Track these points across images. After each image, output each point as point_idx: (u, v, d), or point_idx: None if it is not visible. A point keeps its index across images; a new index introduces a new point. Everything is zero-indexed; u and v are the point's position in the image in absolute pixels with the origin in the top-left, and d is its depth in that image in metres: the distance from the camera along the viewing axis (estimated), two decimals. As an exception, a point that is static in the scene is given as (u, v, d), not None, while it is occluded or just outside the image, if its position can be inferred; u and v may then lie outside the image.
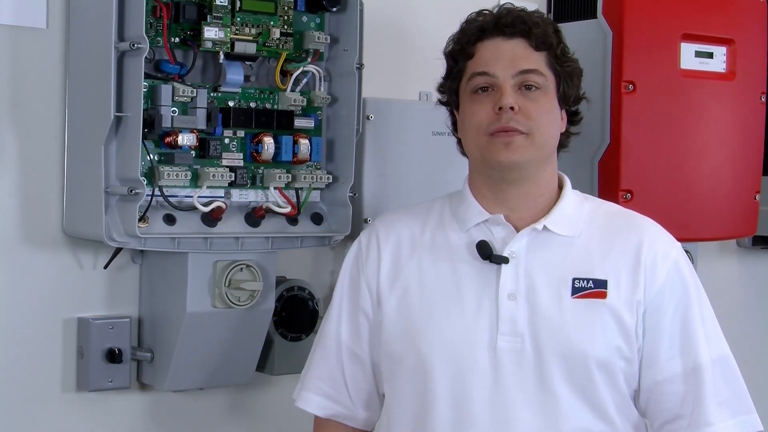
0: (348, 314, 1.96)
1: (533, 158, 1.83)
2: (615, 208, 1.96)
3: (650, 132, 2.57)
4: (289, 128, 2.18)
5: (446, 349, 1.82)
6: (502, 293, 1.81)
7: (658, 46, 2.58)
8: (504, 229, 1.86)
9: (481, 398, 1.79)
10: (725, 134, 2.70)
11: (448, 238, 1.90)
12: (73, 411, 2.20)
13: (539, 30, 1.85)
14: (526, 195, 1.87)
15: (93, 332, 2.17)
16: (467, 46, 1.88)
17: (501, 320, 1.80)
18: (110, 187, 2.01)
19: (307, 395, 1.99)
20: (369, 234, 1.98)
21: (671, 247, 1.88)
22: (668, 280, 1.84)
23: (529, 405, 1.79)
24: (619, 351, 1.81)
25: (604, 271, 1.83)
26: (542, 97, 1.84)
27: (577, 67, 1.92)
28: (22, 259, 2.13)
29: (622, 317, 1.81)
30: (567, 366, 1.78)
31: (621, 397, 1.83)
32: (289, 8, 2.16)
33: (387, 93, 2.45)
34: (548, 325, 1.80)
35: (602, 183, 2.58)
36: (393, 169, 2.43)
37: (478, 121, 1.84)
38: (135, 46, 1.95)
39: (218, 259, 2.14)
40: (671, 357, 1.83)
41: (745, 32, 2.72)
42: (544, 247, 1.84)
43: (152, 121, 2.01)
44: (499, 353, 1.79)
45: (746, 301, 3.29)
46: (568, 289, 1.81)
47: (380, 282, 1.91)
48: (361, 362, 1.95)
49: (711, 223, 2.71)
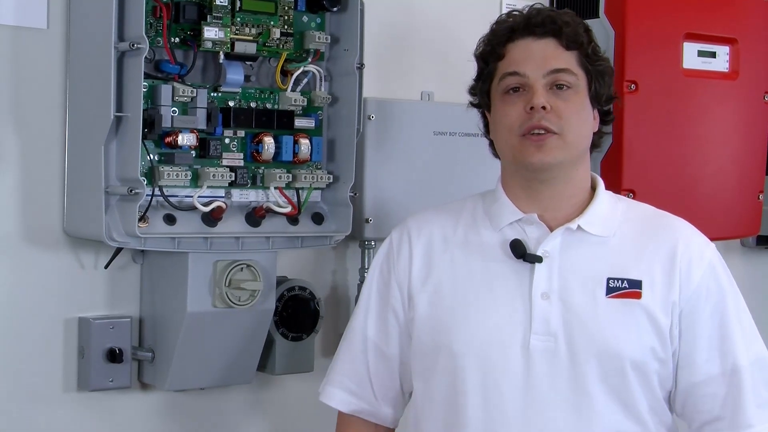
0: (376, 311, 1.96)
1: (565, 158, 1.82)
2: (649, 209, 1.94)
3: (652, 131, 2.57)
4: (289, 128, 2.18)
5: (478, 348, 1.81)
6: (535, 292, 1.80)
7: (661, 46, 2.58)
8: (538, 228, 1.85)
9: (513, 398, 1.79)
10: (728, 134, 2.71)
11: (481, 236, 1.89)
12: (74, 411, 2.20)
13: (570, 29, 1.84)
14: (559, 195, 1.85)
15: (94, 332, 2.17)
16: (497, 47, 1.87)
17: (534, 319, 1.79)
18: (110, 187, 2.01)
19: (331, 390, 1.99)
20: (401, 232, 1.97)
21: (706, 248, 1.87)
22: (704, 282, 1.83)
23: (561, 405, 1.78)
24: (653, 352, 1.80)
25: (639, 271, 1.82)
26: (574, 96, 1.83)
27: (609, 66, 1.91)
28: (23, 259, 2.14)
29: (656, 318, 1.80)
30: (601, 366, 1.77)
31: (654, 398, 1.82)
32: (289, 8, 2.16)
33: (388, 93, 2.45)
34: (582, 324, 1.79)
35: (605, 182, 2.56)
36: (394, 169, 2.43)
37: (509, 122, 1.83)
38: (135, 46, 1.95)
39: (218, 258, 2.14)
40: (709, 358, 1.82)
41: (748, 32, 2.72)
42: (578, 247, 1.83)
43: (152, 121, 2.01)
44: (532, 353, 1.79)
45: (751, 300, 3.22)
46: (603, 288, 1.80)
47: (412, 280, 1.91)
48: (387, 359, 1.95)
49: (714, 222, 2.70)
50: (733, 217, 2.76)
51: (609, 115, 1.93)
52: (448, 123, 2.49)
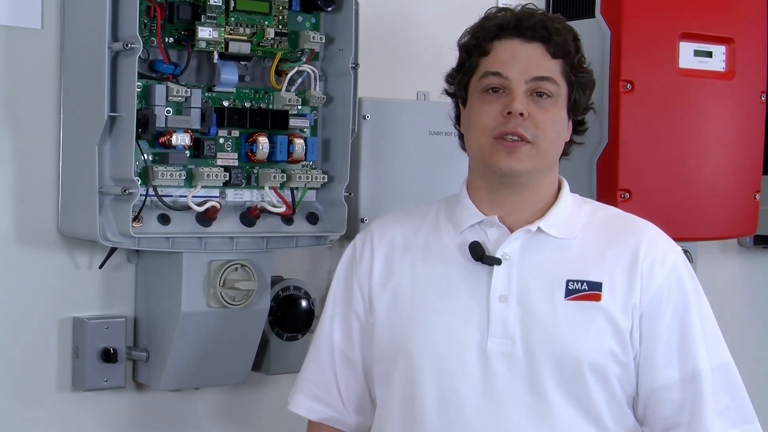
0: (341, 317, 1.94)
1: (535, 167, 1.80)
2: (614, 211, 1.92)
3: (649, 131, 2.56)
4: (283, 128, 2.18)
5: (434, 351, 1.80)
6: (493, 295, 1.79)
7: (657, 46, 2.57)
8: (498, 230, 1.83)
9: (471, 401, 1.77)
10: (725, 133, 2.69)
11: (441, 240, 1.87)
12: (69, 410, 2.20)
13: (559, 38, 1.81)
14: (523, 200, 1.84)
15: (88, 332, 2.17)
16: (484, 42, 1.84)
17: (491, 322, 1.78)
18: (104, 187, 2.02)
19: (299, 398, 1.98)
20: (363, 236, 1.97)
21: (670, 250, 1.84)
22: (666, 284, 1.80)
23: (520, 409, 1.75)
24: (613, 355, 1.77)
25: (599, 273, 1.79)
26: (552, 106, 1.81)
27: (591, 79, 1.89)
28: (17, 259, 2.14)
29: (616, 320, 1.77)
30: (559, 369, 1.75)
31: (615, 402, 1.79)
32: (283, 8, 2.15)
33: (383, 93, 2.45)
34: (540, 327, 1.77)
35: (600, 182, 2.58)
36: (389, 169, 2.43)
37: (484, 122, 1.80)
38: (128, 46, 1.96)
39: (213, 258, 2.14)
40: (668, 363, 1.79)
41: (744, 31, 2.71)
42: (539, 249, 1.82)
43: (146, 121, 2.01)
44: (489, 356, 1.77)
45: (748, 300, 3.28)
46: (562, 291, 1.78)
47: (372, 284, 1.90)
48: (353, 366, 1.94)
49: (711, 222, 2.70)
50: (730, 217, 2.75)
51: (582, 125, 1.91)
52: (444, 123, 2.45)
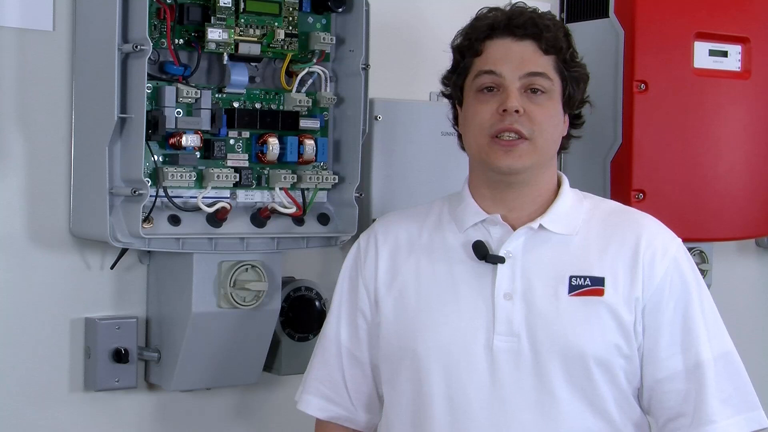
0: (347, 316, 1.96)
1: (534, 163, 1.82)
2: (614, 206, 1.94)
3: (663, 131, 2.55)
4: (294, 129, 2.18)
5: (441, 350, 1.81)
6: (497, 293, 1.80)
7: (671, 45, 2.56)
8: (501, 228, 1.85)
9: (478, 399, 1.79)
10: (740, 133, 2.68)
11: (445, 238, 1.89)
12: (81, 411, 2.21)
13: (550, 34, 1.83)
14: (524, 196, 1.86)
15: (100, 332, 2.18)
16: (476, 42, 1.86)
17: (497, 320, 1.79)
18: (114, 188, 2.02)
19: (307, 398, 1.99)
20: (368, 236, 1.98)
21: (671, 243, 1.86)
22: (667, 276, 1.82)
23: (527, 405, 1.77)
24: (618, 349, 1.79)
25: (602, 268, 1.81)
26: (547, 101, 1.83)
27: (585, 72, 1.91)
28: (29, 260, 2.15)
29: (620, 314, 1.79)
30: (565, 365, 1.77)
31: (622, 394, 1.81)
32: (294, 9, 2.16)
33: (395, 93, 2.45)
34: (545, 323, 1.79)
35: (614, 183, 2.57)
36: (401, 170, 2.42)
37: (480, 121, 1.83)
38: (138, 47, 1.96)
39: (223, 259, 2.15)
40: (672, 354, 1.81)
41: (760, 30, 2.69)
42: (541, 246, 1.83)
43: (156, 122, 2.02)
44: (495, 353, 1.79)
45: (767, 301, 3.26)
46: (565, 287, 1.80)
47: (378, 283, 1.91)
48: (360, 364, 1.95)
49: (726, 223, 2.68)
50: (747, 217, 2.73)
51: (579, 119, 1.93)
52: (457, 124, 2.48)
